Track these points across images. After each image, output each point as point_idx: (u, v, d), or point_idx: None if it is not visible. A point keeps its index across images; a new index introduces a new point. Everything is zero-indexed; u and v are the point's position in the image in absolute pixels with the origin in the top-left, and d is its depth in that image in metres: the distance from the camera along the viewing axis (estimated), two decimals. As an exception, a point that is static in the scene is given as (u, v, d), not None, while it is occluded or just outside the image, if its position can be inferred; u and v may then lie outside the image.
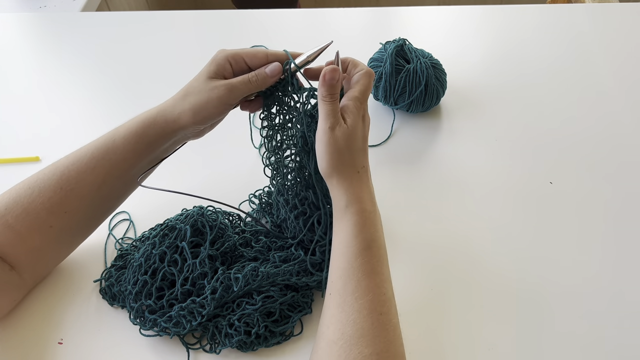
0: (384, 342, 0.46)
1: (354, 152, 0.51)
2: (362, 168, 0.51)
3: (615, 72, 0.87)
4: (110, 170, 0.55)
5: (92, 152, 0.55)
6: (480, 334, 0.56)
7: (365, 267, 0.48)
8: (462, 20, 1.00)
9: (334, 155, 0.50)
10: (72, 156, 0.56)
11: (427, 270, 0.62)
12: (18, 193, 0.54)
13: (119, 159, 0.55)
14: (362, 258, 0.49)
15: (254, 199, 0.69)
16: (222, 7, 2.10)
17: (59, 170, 0.55)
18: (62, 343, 0.56)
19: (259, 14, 1.04)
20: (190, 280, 0.56)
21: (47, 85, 0.90)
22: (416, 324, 0.57)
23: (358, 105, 0.51)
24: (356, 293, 0.47)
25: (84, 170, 0.55)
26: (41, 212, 0.54)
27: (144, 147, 0.55)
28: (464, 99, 0.83)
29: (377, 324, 0.46)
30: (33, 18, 1.07)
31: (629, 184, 0.70)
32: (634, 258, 0.62)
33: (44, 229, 0.54)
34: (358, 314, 0.46)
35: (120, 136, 0.55)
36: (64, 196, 0.54)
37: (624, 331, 0.56)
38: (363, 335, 0.45)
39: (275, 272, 0.57)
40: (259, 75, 0.53)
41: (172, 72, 0.90)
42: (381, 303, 0.47)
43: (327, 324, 0.48)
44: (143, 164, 0.57)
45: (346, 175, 0.51)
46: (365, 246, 0.49)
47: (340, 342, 0.45)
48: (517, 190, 0.70)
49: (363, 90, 0.52)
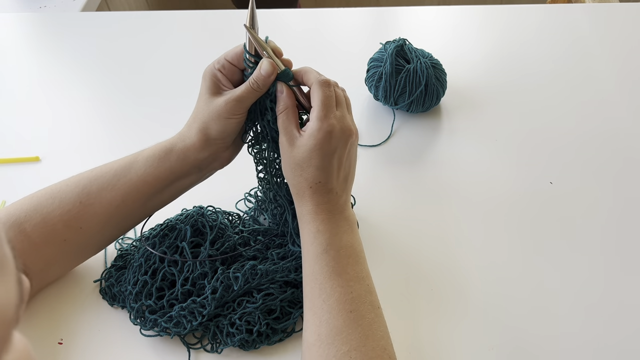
0: (359, 337, 0.47)
1: (304, 169, 0.51)
2: (316, 184, 0.51)
3: (615, 72, 0.87)
4: (130, 190, 0.55)
5: (115, 170, 0.55)
6: (480, 334, 0.56)
7: (325, 270, 0.50)
8: (462, 20, 1.00)
9: (285, 169, 0.53)
10: (96, 171, 0.56)
11: (427, 270, 0.62)
12: (39, 201, 0.54)
13: (139, 180, 0.55)
14: (321, 262, 0.50)
15: (250, 197, 0.69)
16: (222, 7, 2.10)
17: (82, 183, 0.55)
18: (62, 343, 0.56)
19: (259, 14, 1.04)
20: (190, 280, 0.56)
21: (47, 85, 0.90)
22: (416, 324, 0.57)
23: (315, 122, 0.50)
24: (322, 295, 0.49)
25: (105, 187, 0.54)
26: (58, 224, 0.54)
27: (167, 172, 0.55)
28: (464, 99, 0.83)
29: (348, 321, 0.47)
30: (33, 18, 1.07)
31: (630, 184, 0.70)
32: (635, 258, 0.62)
33: (58, 242, 0.54)
34: (329, 315, 0.48)
35: (142, 158, 0.55)
36: (82, 210, 0.54)
37: (625, 332, 0.56)
38: (337, 334, 0.47)
39: (274, 269, 0.57)
40: (257, 78, 0.52)
41: (172, 72, 0.90)
42: (349, 301, 0.48)
43: (304, 327, 0.50)
44: (164, 190, 0.56)
45: (298, 189, 0.52)
46: (321, 250, 0.50)
47: (318, 344, 0.47)
48: (517, 190, 0.70)
49: (319, 104, 0.50)
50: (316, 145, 0.50)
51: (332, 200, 0.52)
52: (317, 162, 0.50)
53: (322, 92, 0.51)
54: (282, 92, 0.52)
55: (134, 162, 0.55)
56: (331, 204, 0.52)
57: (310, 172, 0.51)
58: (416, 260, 0.63)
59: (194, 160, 0.55)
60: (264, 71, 0.52)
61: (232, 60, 0.53)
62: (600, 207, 0.68)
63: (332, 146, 0.50)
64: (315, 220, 0.51)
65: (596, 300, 0.59)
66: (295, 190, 0.53)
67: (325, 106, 0.50)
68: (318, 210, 0.51)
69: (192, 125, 0.54)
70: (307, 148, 0.50)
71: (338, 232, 0.51)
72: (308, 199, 0.52)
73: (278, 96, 0.52)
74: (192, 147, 0.54)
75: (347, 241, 0.52)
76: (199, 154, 0.55)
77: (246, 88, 0.52)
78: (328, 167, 0.51)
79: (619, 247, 0.64)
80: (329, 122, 0.50)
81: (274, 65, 0.52)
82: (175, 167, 0.55)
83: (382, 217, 0.52)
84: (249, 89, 0.52)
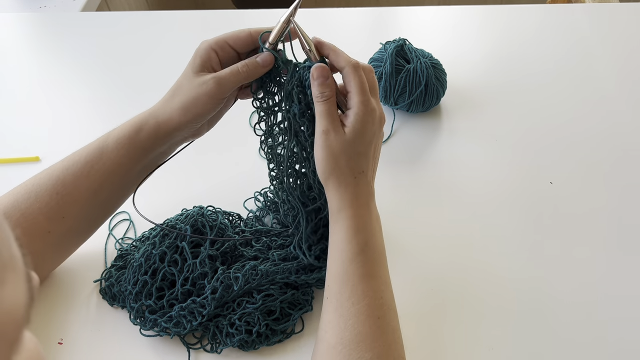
0: (383, 345, 0.45)
1: (351, 157, 0.48)
2: (360, 173, 0.49)
3: (615, 72, 0.87)
4: (106, 175, 0.54)
5: (85, 156, 0.54)
6: (480, 334, 0.56)
7: (360, 272, 0.48)
8: (462, 20, 1.00)
9: (329, 160, 0.48)
10: (67, 160, 0.55)
11: (427, 270, 0.62)
12: (15, 198, 0.53)
13: (113, 164, 0.54)
14: (356, 263, 0.48)
15: (260, 197, 0.69)
16: (222, 7, 2.09)
17: (54, 174, 0.54)
18: (62, 343, 0.56)
19: (259, 14, 1.04)
20: (190, 280, 0.56)
21: (47, 85, 0.90)
22: (417, 325, 0.57)
23: (360, 107, 0.48)
24: (352, 298, 0.47)
25: (79, 176, 0.54)
26: (39, 217, 0.53)
27: (139, 151, 0.54)
28: (464, 99, 0.83)
29: (375, 327, 0.46)
30: (33, 18, 1.07)
31: (630, 184, 0.70)
32: (636, 258, 0.62)
33: (43, 235, 0.54)
34: (356, 319, 0.46)
35: (112, 140, 0.54)
36: (61, 201, 0.53)
37: (625, 331, 0.56)
38: (362, 340, 0.45)
39: (275, 270, 0.57)
40: (249, 65, 0.50)
41: (172, 72, 0.89)
42: (378, 307, 0.47)
43: (326, 328, 0.47)
44: (139, 167, 0.56)
45: (341, 180, 0.49)
46: (359, 250, 0.48)
47: (339, 347, 0.45)
48: (517, 190, 0.70)
49: (358, 89, 0.48)
50: (362, 130, 0.48)
51: (370, 194, 0.50)
52: (363, 148, 0.48)
53: (359, 76, 0.48)
54: (327, 77, 0.49)
55: (104, 147, 0.54)
56: (369, 199, 0.50)
57: (356, 159, 0.48)
58: (416, 260, 0.63)
59: (165, 137, 0.54)
60: (261, 60, 0.50)
61: (233, 44, 0.51)
62: (600, 207, 0.68)
63: (373, 132, 0.49)
64: (356, 216, 0.49)
65: (596, 300, 0.59)
66: (337, 182, 0.49)
67: (364, 91, 0.48)
68: (358, 204, 0.49)
69: (169, 102, 0.53)
70: (354, 133, 0.48)
71: (375, 232, 0.50)
72: (351, 191, 0.49)
73: (320, 82, 0.49)
74: (166, 124, 0.53)
75: (381, 242, 0.50)
76: (173, 131, 0.53)
77: (231, 71, 0.50)
78: (369, 155, 0.49)
79: (620, 247, 0.63)
80: (372, 107, 0.48)
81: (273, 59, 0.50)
82: (147, 145, 0.54)
83: (381, 217, 0.52)
84: (235, 73, 0.50)
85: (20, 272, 0.23)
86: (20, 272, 0.23)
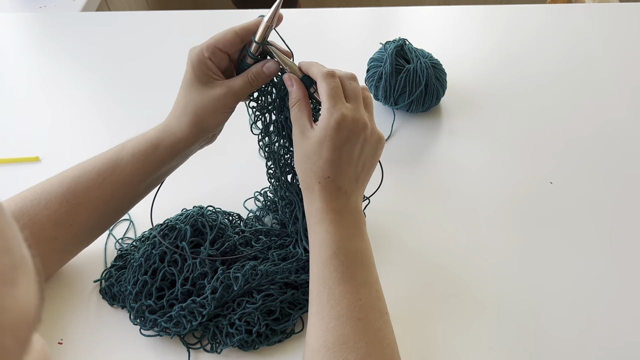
0: (366, 346, 0.46)
1: (315, 162, 0.49)
2: (325, 179, 0.49)
3: (615, 72, 0.87)
4: (118, 186, 0.55)
5: (98, 167, 0.54)
6: (480, 334, 0.56)
7: (334, 275, 0.48)
8: (462, 20, 1.00)
9: (297, 163, 0.51)
10: (78, 169, 0.55)
11: (426, 270, 0.62)
12: (24, 202, 0.53)
13: (127, 176, 0.54)
14: (330, 266, 0.48)
15: (259, 197, 0.69)
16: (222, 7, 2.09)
17: (65, 182, 0.54)
18: (62, 343, 0.56)
19: (259, 14, 1.04)
20: (190, 280, 0.56)
21: (47, 85, 0.90)
22: (416, 325, 0.57)
23: (324, 113, 0.49)
24: (331, 301, 0.47)
25: (91, 185, 0.54)
26: (47, 224, 0.53)
27: (155, 165, 0.55)
28: (464, 99, 0.83)
29: (356, 329, 0.46)
30: (33, 18, 1.07)
31: (631, 185, 0.70)
32: (636, 258, 0.62)
33: (50, 241, 0.54)
34: (336, 321, 0.46)
35: (127, 154, 0.54)
36: (71, 209, 0.54)
37: (625, 331, 0.56)
38: (344, 342, 0.45)
39: (274, 270, 0.57)
40: (257, 76, 0.52)
41: (172, 72, 0.90)
42: (357, 309, 0.47)
43: (309, 332, 0.48)
44: (151, 178, 0.57)
45: (307, 185, 0.51)
46: (331, 254, 0.48)
47: (323, 350, 0.46)
48: (516, 190, 0.70)
49: (325, 97, 0.49)
50: (326, 136, 0.48)
51: (341, 199, 0.50)
52: (327, 154, 0.49)
53: (327, 83, 0.49)
54: (292, 85, 0.51)
55: (118, 160, 0.54)
56: (340, 204, 0.50)
57: (319, 165, 0.49)
58: (416, 260, 0.63)
59: (184, 151, 0.55)
60: (267, 70, 0.52)
61: (223, 47, 0.52)
62: (600, 207, 0.68)
63: (342, 138, 0.49)
64: (324, 220, 0.49)
65: (597, 300, 0.59)
66: (305, 185, 0.51)
67: (332, 97, 0.49)
68: (327, 209, 0.49)
69: (183, 117, 0.53)
70: (317, 139, 0.49)
71: (348, 236, 0.50)
72: (317, 196, 0.50)
73: (289, 90, 0.52)
74: (184, 140, 0.54)
75: (357, 245, 0.50)
76: (191, 145, 0.55)
77: (244, 82, 0.52)
78: (337, 161, 0.49)
79: (620, 247, 0.64)
80: (339, 112, 0.48)
81: (277, 67, 0.52)
82: (165, 160, 0.55)
83: (381, 217, 0.52)
84: (247, 83, 0.52)
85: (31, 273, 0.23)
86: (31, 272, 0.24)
